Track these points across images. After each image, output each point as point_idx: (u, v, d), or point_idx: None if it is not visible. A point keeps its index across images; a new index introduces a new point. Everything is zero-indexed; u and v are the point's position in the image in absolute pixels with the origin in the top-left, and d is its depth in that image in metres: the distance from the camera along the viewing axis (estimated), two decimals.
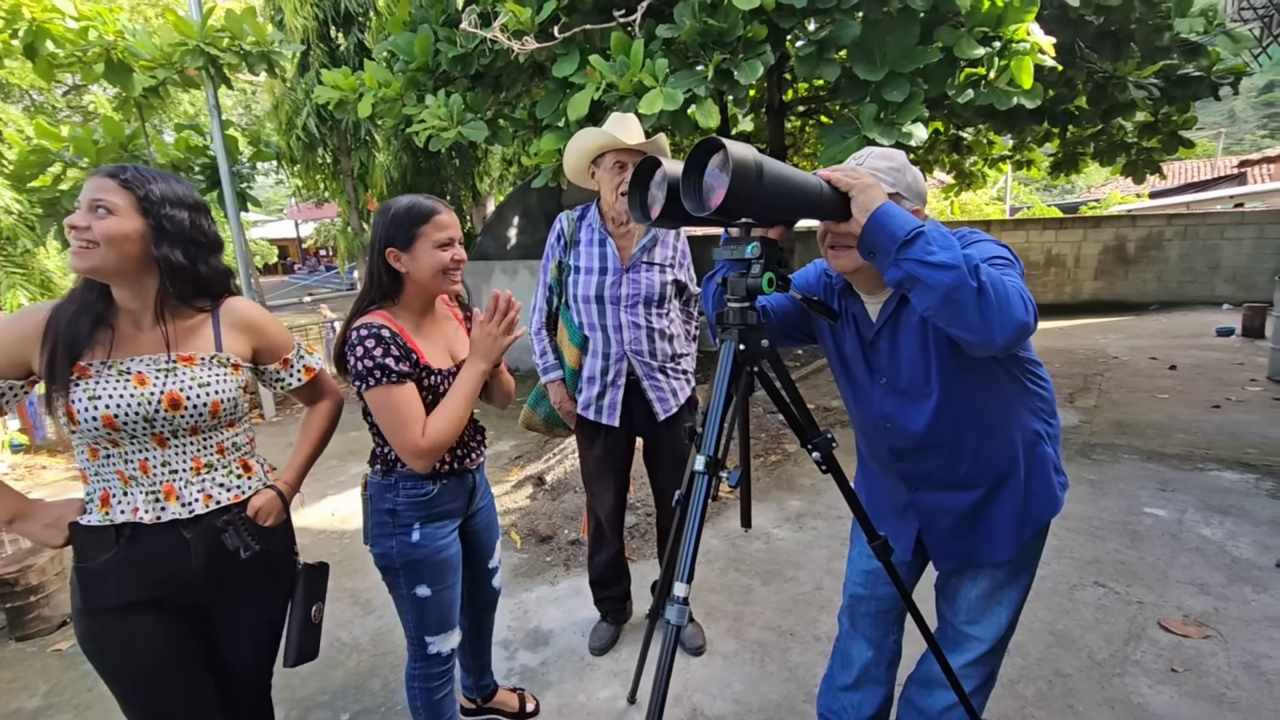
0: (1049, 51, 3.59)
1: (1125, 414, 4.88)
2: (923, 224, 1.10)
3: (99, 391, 1.22)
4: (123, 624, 1.27)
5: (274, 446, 5.38)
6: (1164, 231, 10.50)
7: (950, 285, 1.06)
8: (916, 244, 1.08)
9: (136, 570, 1.27)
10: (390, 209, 1.52)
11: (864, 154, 1.33)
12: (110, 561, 1.25)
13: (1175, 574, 2.71)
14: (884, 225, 1.10)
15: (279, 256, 30.97)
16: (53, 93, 14.81)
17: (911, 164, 1.35)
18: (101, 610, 1.26)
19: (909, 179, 1.30)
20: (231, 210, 6.09)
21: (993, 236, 1.31)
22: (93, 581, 1.26)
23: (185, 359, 1.29)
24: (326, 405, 1.61)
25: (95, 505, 1.27)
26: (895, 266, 1.10)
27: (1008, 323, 1.08)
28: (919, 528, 1.49)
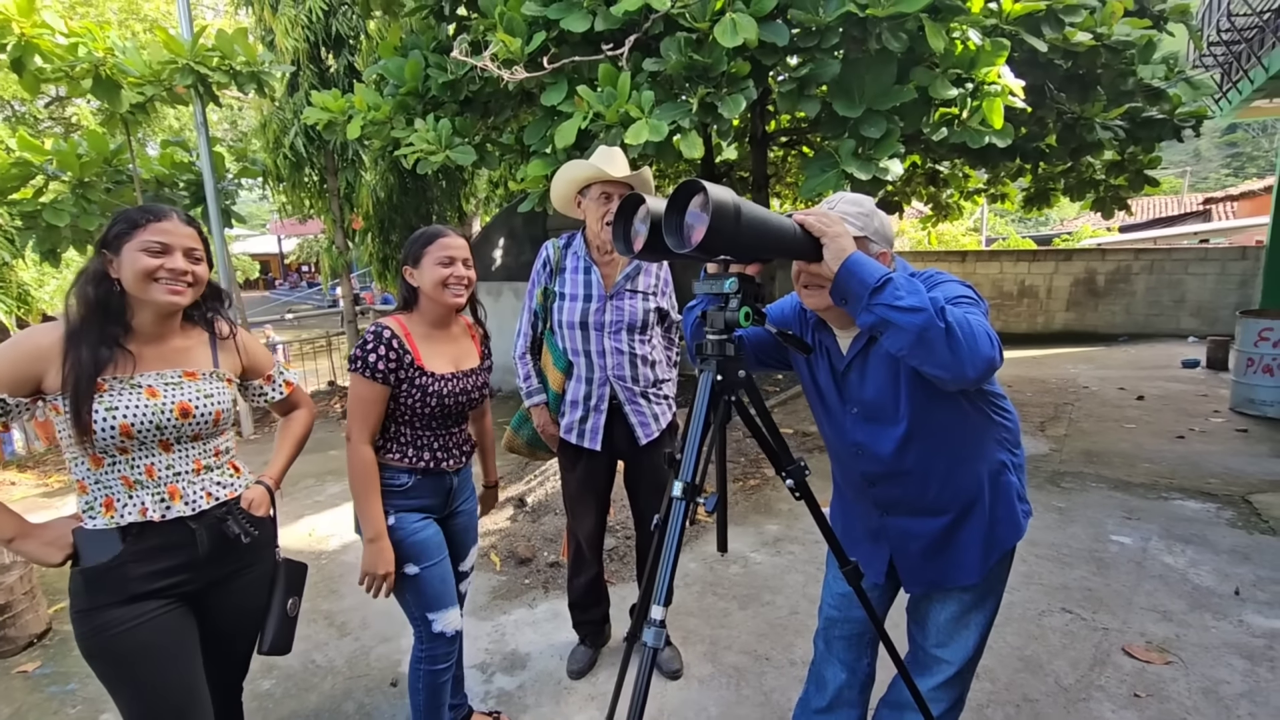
0: (1019, 94, 3.75)
1: (1094, 443, 5.00)
2: (891, 271, 1.17)
3: (115, 403, 1.32)
4: (131, 611, 1.35)
5: (252, 464, 5.31)
6: (1132, 265, 10.83)
7: (920, 327, 1.13)
8: (886, 290, 1.14)
9: (146, 561, 1.37)
10: (412, 235, 1.77)
11: (835, 199, 1.40)
12: (121, 557, 1.34)
13: (1139, 601, 2.78)
14: (855, 273, 1.17)
15: (260, 272, 30.68)
16: (35, 104, 14.67)
17: (880, 208, 1.43)
18: (108, 605, 1.33)
19: (876, 224, 1.37)
20: (215, 226, 6.08)
21: (958, 276, 1.39)
22: (98, 580, 1.33)
23: (189, 374, 1.44)
24: (303, 412, 1.78)
25: (98, 511, 1.35)
26: (867, 312, 1.17)
27: (977, 359, 1.15)
28: (890, 553, 1.55)
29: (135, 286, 1.33)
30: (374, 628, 2.82)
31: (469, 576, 2.01)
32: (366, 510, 1.67)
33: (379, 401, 1.67)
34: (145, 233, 1.33)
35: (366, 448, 1.68)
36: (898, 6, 3.25)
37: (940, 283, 1.35)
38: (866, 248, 1.35)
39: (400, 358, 1.66)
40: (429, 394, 1.69)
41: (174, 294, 1.35)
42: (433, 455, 1.77)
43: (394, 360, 1.65)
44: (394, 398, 1.69)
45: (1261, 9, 7.05)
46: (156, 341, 1.40)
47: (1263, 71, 7.30)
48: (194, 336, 1.48)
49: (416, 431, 1.74)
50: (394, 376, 1.66)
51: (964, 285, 1.35)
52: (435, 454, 1.77)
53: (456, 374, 1.76)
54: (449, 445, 1.80)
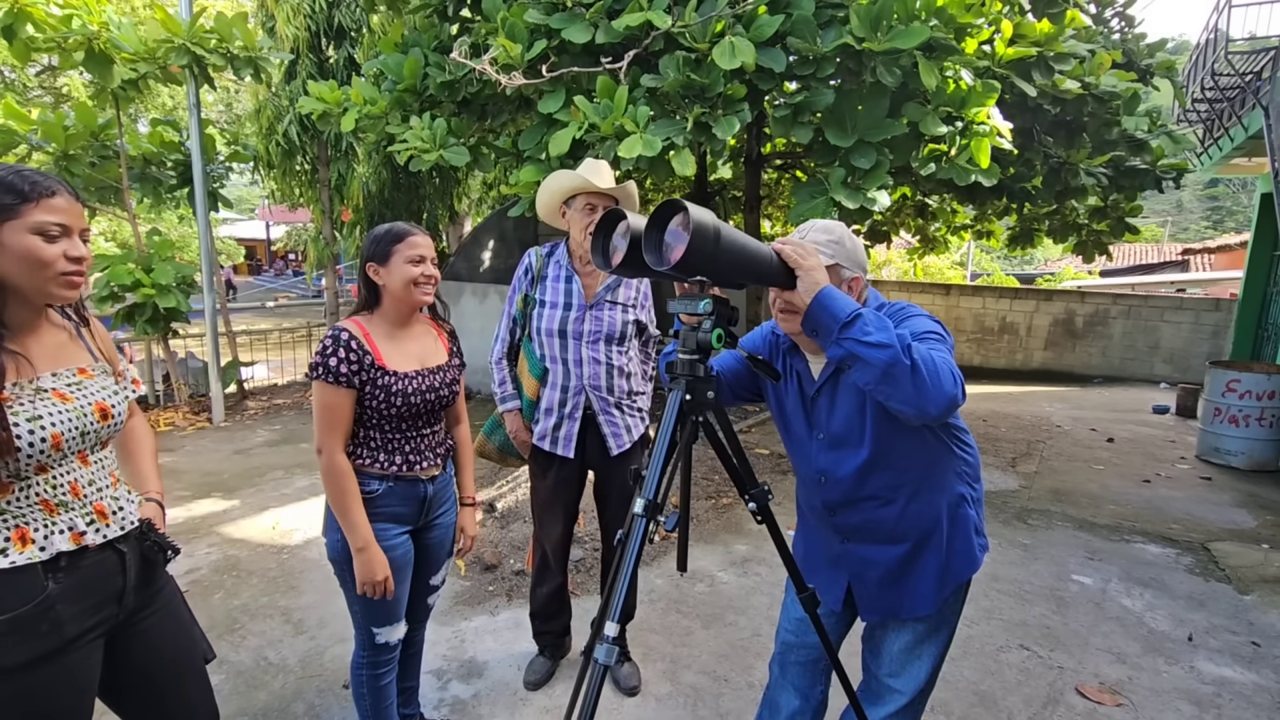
0: (1006, 135, 3.83)
1: (1063, 482, 5.07)
2: (860, 308, 1.19)
3: (38, 412, 1.12)
4: (59, 665, 1.14)
5: (221, 452, 5.23)
6: (1110, 309, 11.05)
7: (886, 363, 1.15)
8: (855, 325, 1.17)
9: (76, 598, 1.16)
10: (374, 232, 1.72)
11: (806, 227, 1.42)
12: (44, 602, 1.12)
13: (1096, 641, 2.81)
14: (826, 307, 1.20)
15: (246, 257, 30.33)
16: (25, 71, 14.44)
17: (868, 237, 1.46)
18: (28, 664, 1.10)
19: (848, 248, 1.40)
20: (201, 209, 6.01)
21: (943, 308, 1.43)
22: (19, 632, 1.09)
23: (83, 371, 1.23)
24: (141, 419, 1.51)
25: (10, 547, 1.10)
26: (836, 345, 1.19)
27: (940, 396, 1.17)
28: (849, 580, 1.56)
29: (27, 276, 1.09)
30: (330, 627, 2.77)
31: (438, 590, 1.95)
32: (350, 520, 1.62)
33: (346, 406, 1.63)
34: (38, 211, 1.08)
35: (340, 456, 1.63)
36: (893, 42, 3.32)
37: (909, 316, 1.37)
38: (838, 274, 1.37)
39: (361, 359, 1.62)
40: (393, 394, 1.65)
41: (73, 287, 1.14)
42: (405, 459, 1.72)
43: (355, 362, 1.61)
44: (359, 401, 1.65)
45: (1244, 70, 7.28)
46: (34, 337, 1.17)
47: (1242, 130, 7.53)
48: (62, 327, 1.25)
49: (387, 435, 1.71)
50: (357, 379, 1.62)
51: (932, 320, 1.37)
52: (408, 457, 1.72)
53: (422, 371, 1.72)
54: (422, 448, 1.75)
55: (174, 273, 5.81)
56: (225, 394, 6.39)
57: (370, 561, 1.63)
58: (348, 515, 1.63)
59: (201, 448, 5.37)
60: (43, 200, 1.09)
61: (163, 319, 5.87)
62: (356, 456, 1.68)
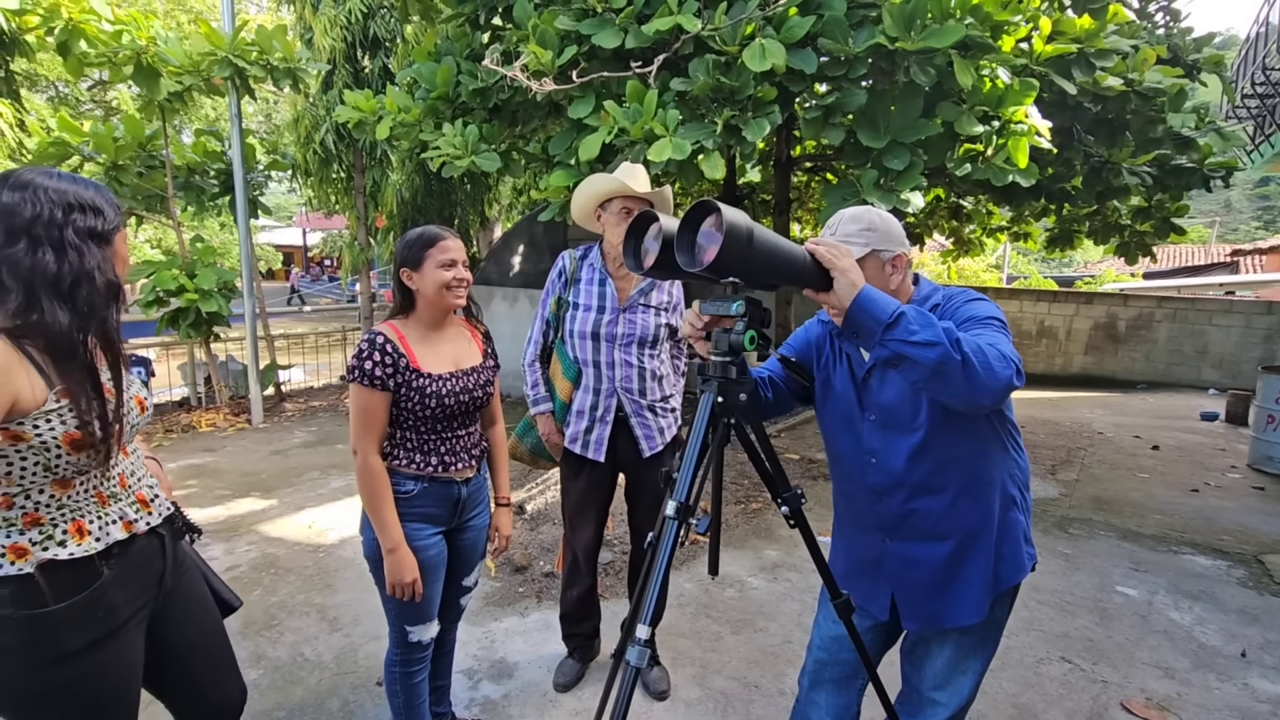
0: (1045, 135, 3.74)
1: (1105, 490, 4.92)
2: (902, 306, 1.17)
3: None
4: (112, 648, 1.20)
5: (260, 453, 5.37)
6: (1154, 313, 10.69)
7: (936, 360, 1.14)
8: (899, 326, 1.15)
9: (125, 585, 1.23)
10: (406, 237, 1.74)
11: (836, 219, 1.41)
12: (100, 589, 1.18)
13: (1142, 655, 2.72)
14: (866, 309, 1.18)
15: (283, 263, 31.10)
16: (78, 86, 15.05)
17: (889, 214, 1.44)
18: (85, 648, 1.16)
19: (881, 229, 1.39)
20: (241, 216, 6.19)
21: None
22: (77, 617, 1.15)
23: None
24: None
25: (69, 539, 1.15)
26: (881, 346, 1.18)
27: (993, 384, 1.16)
28: (892, 589, 1.52)
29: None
30: (365, 624, 2.81)
31: (471, 592, 1.97)
32: (382, 520, 1.65)
33: (381, 409, 1.66)
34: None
35: (375, 458, 1.66)
36: (927, 41, 3.27)
37: (971, 300, 1.36)
38: (877, 258, 1.37)
39: (396, 362, 1.65)
40: (428, 395, 1.68)
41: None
42: (440, 459, 1.74)
43: (390, 365, 1.64)
44: (395, 403, 1.68)
45: None
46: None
47: None
48: None
49: (422, 436, 1.73)
50: (392, 381, 1.65)
51: (989, 304, 1.37)
52: (443, 457, 1.75)
53: (456, 373, 1.74)
54: (456, 449, 1.77)
55: (216, 278, 5.99)
56: (264, 396, 6.56)
57: (400, 563, 1.65)
58: (380, 516, 1.65)
59: (241, 448, 5.51)
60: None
61: (205, 323, 6.05)
62: (393, 457, 1.72)
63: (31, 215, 1.09)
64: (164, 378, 7.25)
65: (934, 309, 1.40)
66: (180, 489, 4.45)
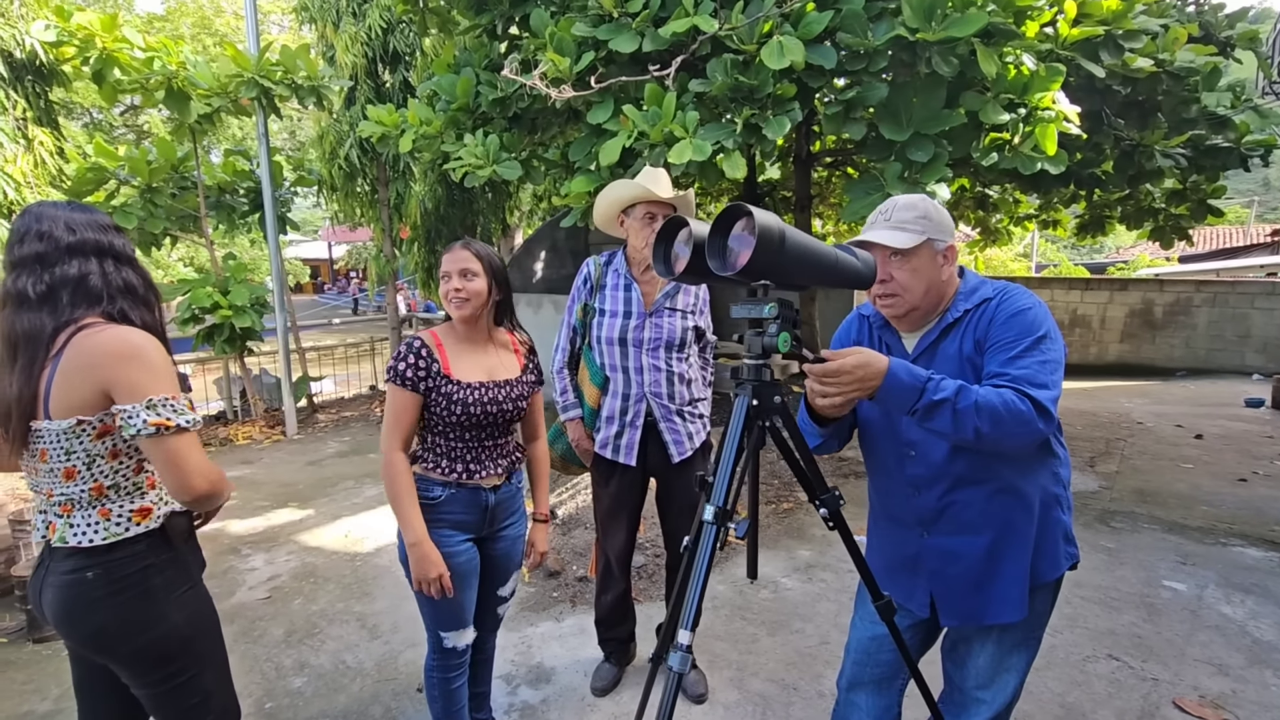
0: (1074, 120, 3.66)
1: (1147, 482, 4.79)
2: (920, 395, 1.24)
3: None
4: (203, 586, 1.47)
5: (295, 464, 5.47)
6: (1193, 297, 10.39)
7: (956, 439, 1.28)
8: (920, 414, 1.25)
9: (196, 543, 1.48)
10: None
11: (889, 206, 1.40)
12: (192, 537, 1.45)
13: (1193, 652, 2.64)
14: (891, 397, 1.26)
15: (310, 276, 31.73)
16: (112, 111, 15.51)
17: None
18: (198, 580, 1.45)
19: (935, 219, 1.39)
20: (271, 232, 6.33)
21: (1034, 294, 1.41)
22: (189, 559, 1.43)
23: None
24: None
25: (160, 504, 1.39)
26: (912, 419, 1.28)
27: (1019, 442, 1.26)
28: (930, 586, 1.50)
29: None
30: (404, 631, 2.85)
31: (507, 601, 1.99)
32: (403, 514, 1.69)
33: (410, 409, 1.71)
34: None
35: (398, 453, 1.70)
36: (948, 31, 3.22)
37: (1019, 310, 1.35)
38: (931, 247, 1.37)
39: (428, 366, 1.71)
40: (454, 402, 1.71)
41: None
42: (465, 467, 1.77)
43: (422, 369, 1.70)
44: (425, 406, 1.72)
45: None
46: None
47: None
48: None
49: (450, 443, 1.76)
50: (423, 385, 1.70)
51: (1040, 314, 1.35)
52: (469, 465, 1.77)
53: (487, 384, 1.76)
54: (483, 457, 1.79)
55: (249, 294, 6.12)
56: (297, 408, 6.69)
57: (424, 557, 1.67)
58: (400, 509, 1.69)
59: (277, 460, 5.63)
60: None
61: (239, 338, 6.19)
62: (423, 462, 1.76)
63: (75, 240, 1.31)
64: (200, 392, 7.43)
65: (982, 304, 1.39)
66: None
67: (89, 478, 1.28)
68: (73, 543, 1.28)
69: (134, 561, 1.31)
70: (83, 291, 1.27)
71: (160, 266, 14.81)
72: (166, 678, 1.37)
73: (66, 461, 1.26)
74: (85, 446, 1.26)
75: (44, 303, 1.25)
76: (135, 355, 1.25)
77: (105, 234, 1.34)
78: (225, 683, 1.49)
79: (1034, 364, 1.28)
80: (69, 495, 1.28)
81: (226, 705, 1.49)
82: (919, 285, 1.38)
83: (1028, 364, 1.28)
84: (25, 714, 2.37)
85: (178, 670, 1.37)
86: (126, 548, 1.30)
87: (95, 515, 1.29)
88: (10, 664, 2.67)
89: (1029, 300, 1.37)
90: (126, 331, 1.27)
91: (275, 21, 18.52)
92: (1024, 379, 1.25)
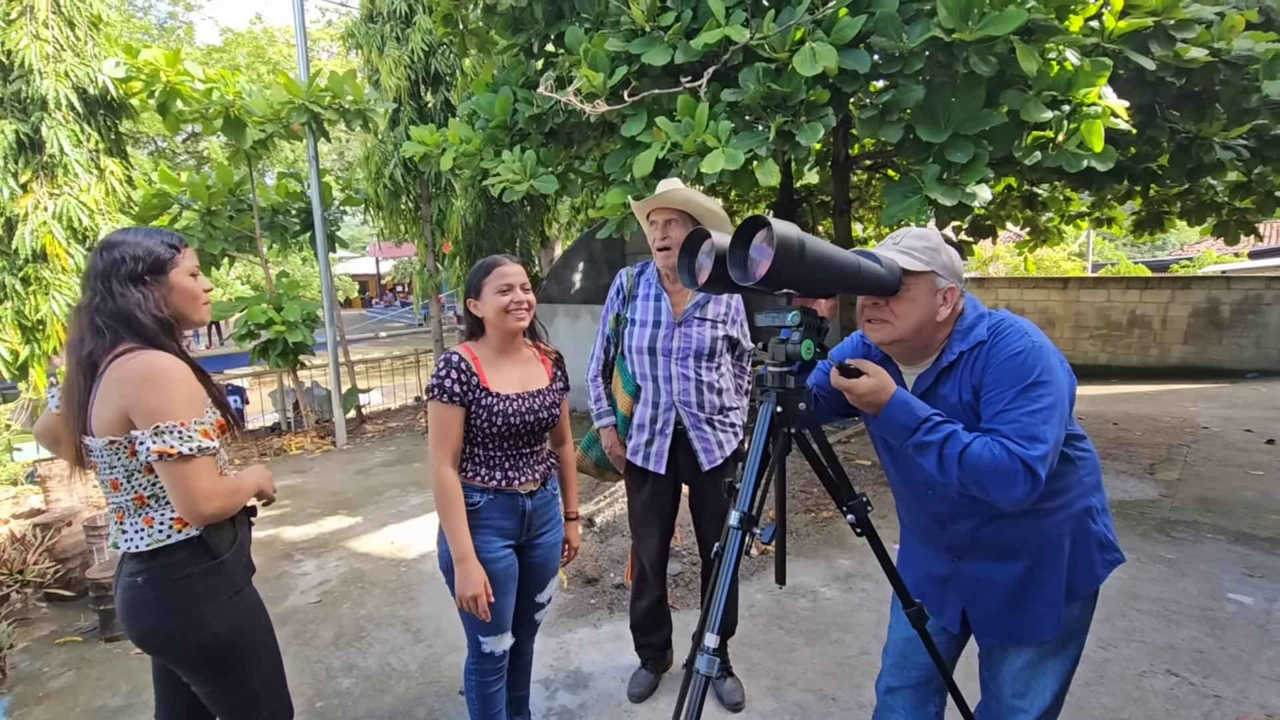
0: (1122, 115, 3.54)
1: (1212, 489, 4.56)
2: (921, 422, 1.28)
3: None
4: (255, 593, 1.54)
5: (344, 473, 5.67)
6: (1263, 295, 9.85)
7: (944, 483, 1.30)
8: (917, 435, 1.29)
9: (244, 551, 1.55)
10: (472, 269, 1.86)
11: (901, 234, 1.38)
12: (240, 541, 1.51)
13: (1260, 668, 2.50)
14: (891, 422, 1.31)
15: (359, 291, 32.77)
16: (174, 140, 16.38)
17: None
18: (245, 586, 1.50)
19: (944, 258, 1.35)
20: (321, 250, 6.59)
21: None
22: (233, 568, 1.47)
23: None
24: None
25: None
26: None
27: (1002, 500, 1.25)
28: (963, 604, 1.48)
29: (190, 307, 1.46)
30: (446, 636, 2.92)
31: (545, 608, 2.04)
32: (453, 531, 1.74)
33: (456, 423, 1.76)
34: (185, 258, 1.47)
35: (449, 470, 1.76)
36: (986, 30, 3.16)
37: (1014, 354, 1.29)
38: (933, 282, 1.32)
39: (468, 380, 1.76)
40: (494, 413, 1.76)
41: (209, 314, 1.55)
42: (505, 474, 1.83)
43: (464, 383, 1.76)
44: (466, 419, 1.77)
45: None
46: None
47: None
48: None
49: (490, 451, 1.82)
50: (466, 398, 1.76)
51: (1035, 354, 1.28)
52: (508, 473, 1.83)
53: (523, 394, 1.82)
54: (520, 465, 1.85)
55: (300, 310, 6.38)
56: (346, 419, 6.92)
57: (468, 574, 1.73)
58: (451, 526, 1.74)
59: (328, 469, 5.84)
60: (184, 249, 1.46)
61: (292, 352, 6.46)
62: (463, 471, 1.81)
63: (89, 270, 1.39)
64: (256, 405, 7.76)
65: (977, 348, 1.33)
66: (276, 509, 4.74)
67: (130, 489, 1.38)
68: (124, 547, 1.38)
69: (176, 569, 1.38)
70: (122, 320, 1.34)
71: (219, 285, 15.53)
72: (214, 678, 1.44)
73: (110, 474, 1.37)
74: (122, 462, 1.35)
75: (98, 334, 1.34)
76: (153, 380, 1.29)
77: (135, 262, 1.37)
78: (277, 684, 1.56)
79: (1025, 415, 1.24)
80: (118, 503, 1.39)
81: (279, 706, 1.56)
82: (912, 317, 1.33)
83: (1018, 415, 1.24)
84: (99, 708, 2.52)
85: (224, 671, 1.44)
86: (168, 555, 1.38)
87: (140, 522, 1.38)
88: (85, 661, 2.85)
89: (1022, 342, 1.30)
90: (154, 356, 1.32)
91: (325, 48, 19.30)
92: (1016, 432, 1.23)
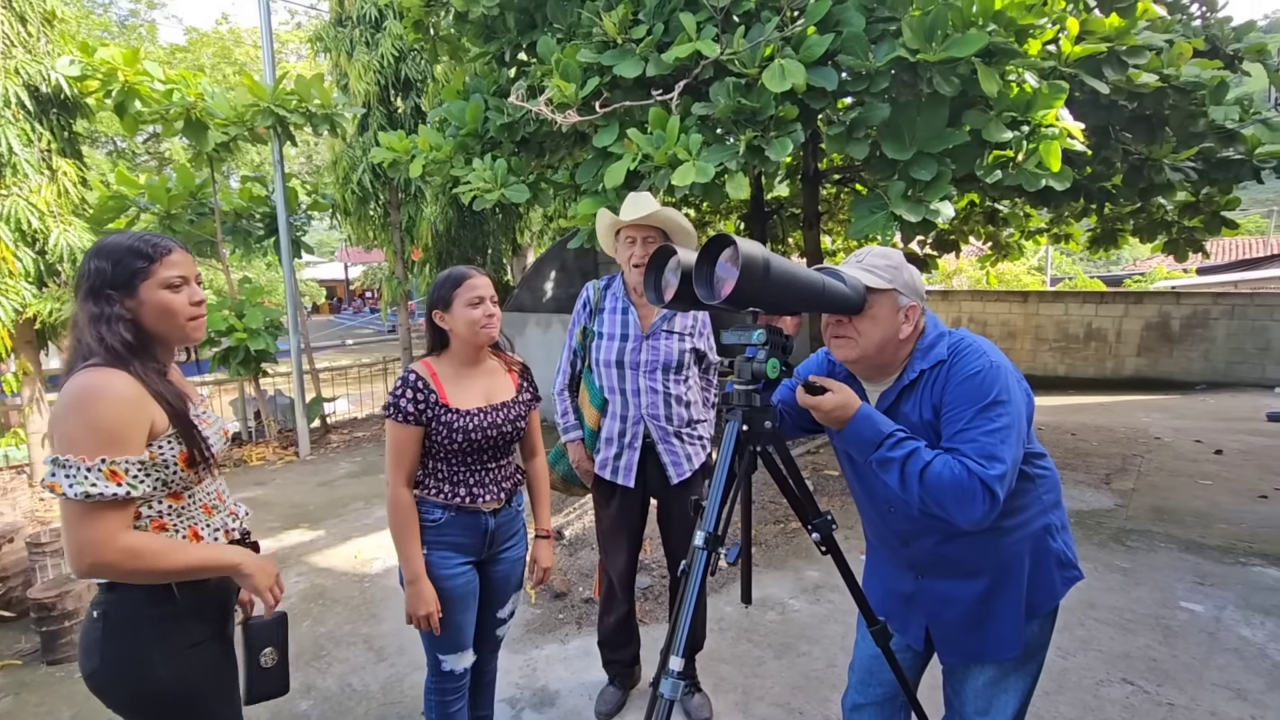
0: (1078, 136, 3.66)
1: (1165, 499, 4.70)
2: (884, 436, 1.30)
3: (207, 433, 1.34)
4: (227, 640, 1.38)
5: (307, 484, 5.52)
6: (1210, 310, 10.25)
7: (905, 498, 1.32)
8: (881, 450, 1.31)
9: (229, 589, 1.40)
10: (436, 279, 1.81)
11: (864, 252, 1.40)
12: (214, 586, 1.35)
13: (1211, 676, 2.58)
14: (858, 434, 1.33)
15: (327, 297, 32.16)
16: (134, 140, 15.91)
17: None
18: (205, 640, 1.33)
19: (906, 276, 1.37)
20: (286, 256, 6.44)
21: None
22: (195, 618, 1.31)
23: (203, 401, 1.48)
24: None
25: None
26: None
27: (960, 518, 1.26)
28: (926, 622, 1.49)
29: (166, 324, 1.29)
30: (410, 654, 2.86)
31: (506, 623, 2.00)
32: (405, 552, 1.71)
33: (412, 442, 1.73)
34: (161, 268, 1.27)
35: (404, 490, 1.73)
36: (949, 51, 3.24)
37: (972, 374, 1.31)
38: (894, 300, 1.34)
39: (426, 398, 1.72)
40: (455, 430, 1.73)
41: (201, 328, 1.36)
42: (468, 491, 1.78)
43: (421, 401, 1.71)
44: (426, 436, 1.74)
45: None
46: (173, 375, 1.38)
47: None
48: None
49: (453, 468, 1.78)
50: (424, 416, 1.72)
51: (991, 373, 1.30)
52: (471, 489, 1.79)
53: (486, 408, 1.79)
54: (485, 481, 1.81)
55: (263, 317, 6.23)
56: (310, 429, 6.76)
57: (418, 594, 1.70)
58: (403, 548, 1.71)
59: (290, 480, 5.69)
60: (163, 258, 1.28)
61: (254, 360, 6.29)
62: (423, 486, 1.77)
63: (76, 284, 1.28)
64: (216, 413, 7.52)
65: (937, 366, 1.35)
66: None
67: None
68: None
69: (131, 608, 1.26)
70: (77, 338, 1.25)
71: None
72: None
73: None
74: None
75: (73, 348, 1.26)
76: (74, 405, 1.18)
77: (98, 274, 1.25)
78: None
79: (983, 434, 1.26)
80: None
81: None
82: (875, 334, 1.34)
83: (976, 434, 1.26)
84: None
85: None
86: (126, 591, 1.26)
87: None
88: (25, 686, 2.71)
89: (980, 362, 1.32)
90: (93, 376, 1.19)
91: (294, 50, 18.98)
92: (975, 451, 1.25)
